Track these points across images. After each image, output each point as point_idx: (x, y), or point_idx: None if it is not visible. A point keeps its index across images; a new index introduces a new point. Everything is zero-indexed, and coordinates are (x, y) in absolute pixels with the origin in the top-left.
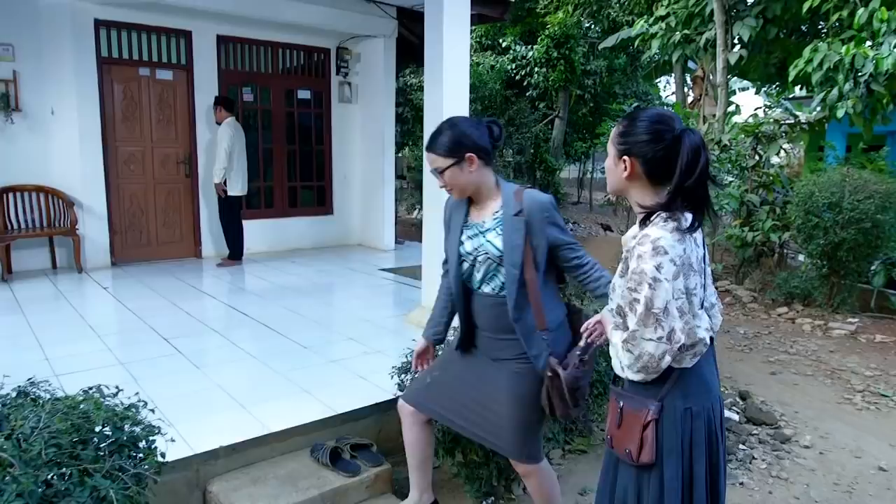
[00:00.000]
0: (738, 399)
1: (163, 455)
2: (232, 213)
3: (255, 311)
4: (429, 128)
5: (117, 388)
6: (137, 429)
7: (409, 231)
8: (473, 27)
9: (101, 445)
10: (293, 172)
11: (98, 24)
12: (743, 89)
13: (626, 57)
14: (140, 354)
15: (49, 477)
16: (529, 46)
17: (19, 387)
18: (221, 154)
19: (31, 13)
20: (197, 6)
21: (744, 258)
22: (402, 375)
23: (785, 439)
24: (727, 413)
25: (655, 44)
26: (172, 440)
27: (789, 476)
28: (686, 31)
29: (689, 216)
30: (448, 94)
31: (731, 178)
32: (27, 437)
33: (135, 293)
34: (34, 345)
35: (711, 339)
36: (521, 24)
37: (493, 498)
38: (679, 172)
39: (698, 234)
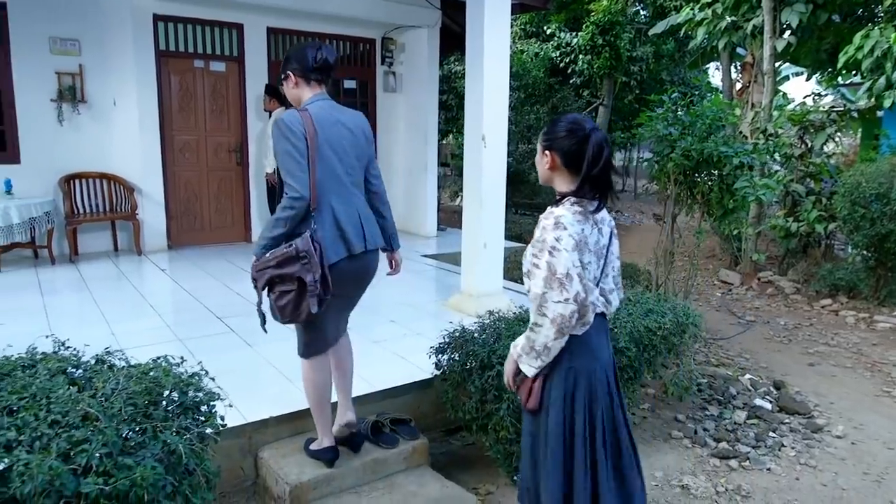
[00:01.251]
0: (771, 388)
1: (222, 418)
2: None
3: None
4: (470, 114)
5: (182, 358)
6: (200, 394)
7: (451, 218)
8: (517, 15)
9: (169, 407)
10: None
11: (156, 18)
12: (797, 74)
13: (674, 43)
14: (196, 332)
15: (127, 431)
16: (574, 33)
17: (97, 355)
18: (272, 144)
19: (95, 10)
20: (249, 0)
21: (787, 249)
22: (440, 355)
23: (817, 429)
24: (758, 401)
25: (701, 31)
26: (231, 405)
27: (818, 464)
28: (733, 18)
29: (594, 204)
30: (489, 83)
31: (777, 168)
32: (108, 396)
33: (190, 275)
34: (101, 320)
35: (604, 314)
36: (565, 10)
37: None
38: (587, 163)
39: (605, 226)
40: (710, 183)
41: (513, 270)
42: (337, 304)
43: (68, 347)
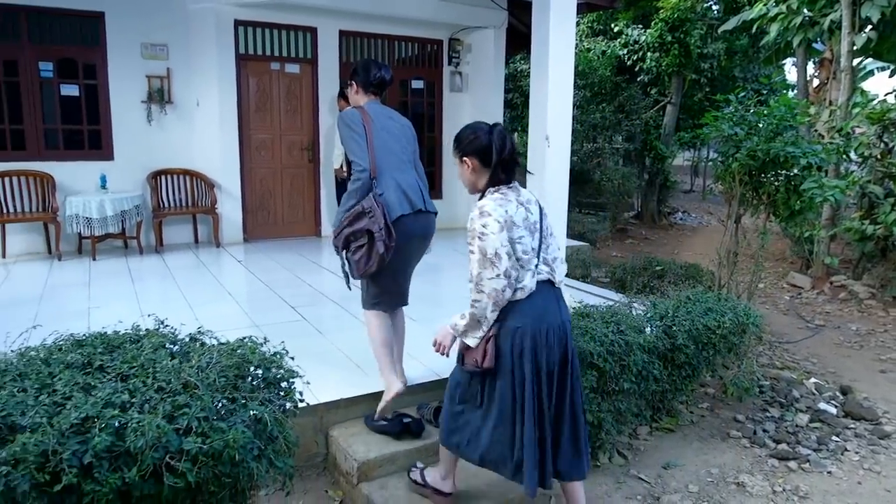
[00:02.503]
0: (837, 393)
1: (300, 394)
2: None
3: None
4: (534, 115)
5: (265, 338)
6: (282, 371)
7: None
8: (583, 14)
9: (255, 381)
10: None
11: (237, 23)
12: (882, 69)
13: (747, 39)
14: (271, 319)
15: (220, 399)
16: (642, 30)
17: (191, 334)
18: (340, 141)
19: (182, 17)
20: (323, 4)
21: (863, 252)
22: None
23: (884, 435)
24: (823, 405)
25: (775, 27)
26: (308, 383)
27: (883, 470)
28: (809, 13)
29: (509, 189)
30: (553, 83)
31: (853, 169)
32: (203, 368)
33: (264, 266)
34: (185, 305)
35: (551, 282)
36: (633, 7)
37: None
38: (495, 151)
39: (532, 205)
40: (776, 184)
41: (574, 269)
42: (405, 253)
43: (166, 326)
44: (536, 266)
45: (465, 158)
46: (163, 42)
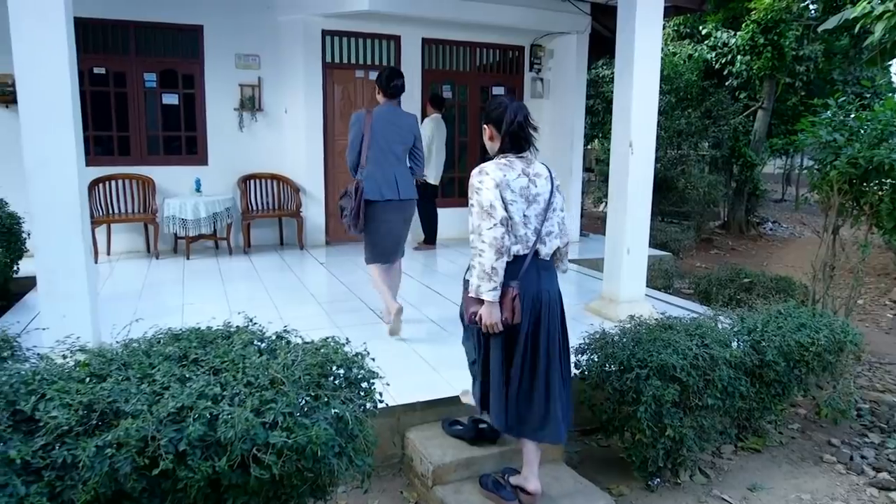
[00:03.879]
0: None
1: (380, 395)
2: (428, 201)
3: (445, 290)
4: (618, 121)
5: (347, 339)
6: (363, 371)
7: (594, 224)
8: (670, 18)
9: (337, 381)
10: None
11: (324, 33)
12: None
13: (848, 39)
14: (351, 320)
15: (304, 396)
16: (732, 33)
17: (277, 332)
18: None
19: (273, 28)
20: (407, 13)
21: None
22: (579, 356)
23: None
24: None
25: (880, 26)
26: (388, 384)
27: None
28: None
29: (517, 159)
30: (638, 88)
31: None
32: (289, 366)
33: (345, 269)
34: (270, 305)
35: (537, 252)
36: (723, 9)
37: (658, 479)
38: (506, 123)
39: (541, 179)
40: (880, 193)
41: (656, 279)
42: (382, 228)
43: (255, 324)
44: (530, 233)
45: (485, 125)
46: (255, 52)
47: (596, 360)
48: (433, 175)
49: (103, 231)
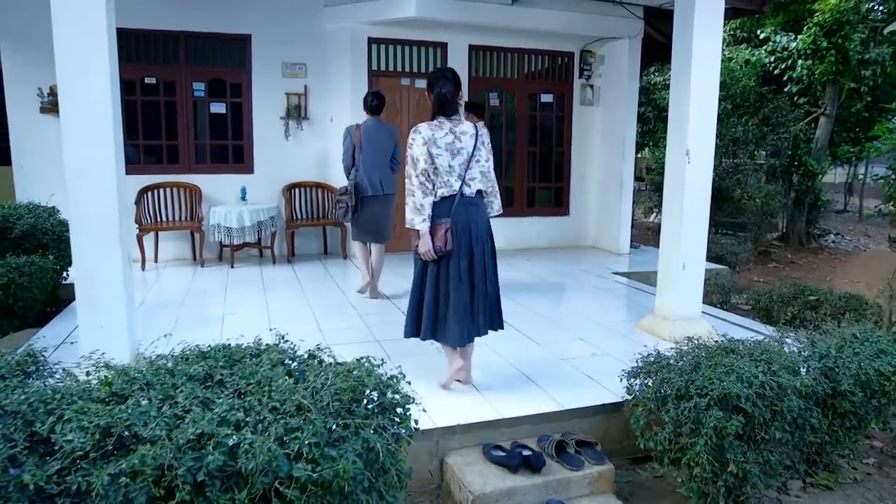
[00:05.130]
0: None
1: (416, 422)
2: None
3: None
4: (674, 128)
5: (382, 360)
6: (397, 396)
7: (644, 235)
8: (727, 21)
9: (370, 405)
10: (532, 173)
11: (370, 41)
12: None
13: None
14: (391, 334)
15: (332, 424)
16: (792, 36)
17: (309, 350)
18: None
19: (320, 37)
20: (455, 20)
21: None
22: (632, 380)
23: None
24: None
25: None
26: (424, 410)
27: None
28: None
29: (447, 120)
30: (696, 94)
31: None
32: (318, 390)
33: (386, 280)
34: (310, 317)
35: (463, 193)
36: (783, 12)
37: None
38: (436, 95)
39: (466, 136)
40: None
41: (711, 294)
42: (365, 215)
43: (287, 341)
44: (454, 180)
45: (427, 91)
46: (301, 61)
47: (651, 384)
48: None
49: (151, 239)
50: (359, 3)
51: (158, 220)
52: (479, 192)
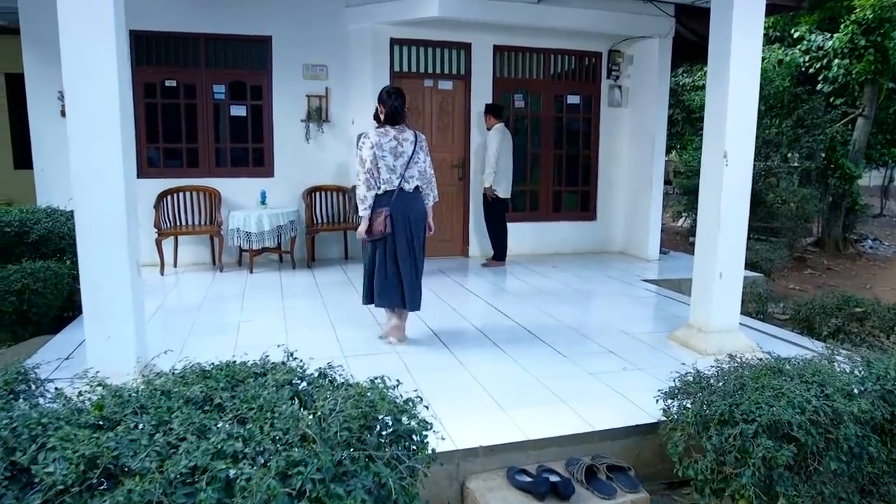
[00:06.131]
0: None
1: (433, 451)
2: (497, 216)
3: (514, 312)
4: (710, 129)
5: (397, 381)
6: (413, 423)
7: (674, 240)
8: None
9: (383, 433)
10: (559, 177)
11: (393, 42)
12: None
13: None
14: (411, 344)
15: (341, 456)
16: (827, 35)
17: (320, 369)
18: (490, 159)
19: (341, 38)
20: (479, 19)
21: None
22: (669, 401)
23: None
24: None
25: None
26: (443, 438)
27: None
28: None
29: (392, 128)
30: (734, 94)
31: None
32: (325, 417)
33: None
34: (328, 325)
35: (402, 189)
36: (819, 10)
37: None
38: (387, 107)
39: (407, 142)
40: None
41: (747, 302)
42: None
43: (296, 358)
44: (395, 177)
45: (380, 104)
46: (323, 63)
47: (689, 407)
48: (503, 188)
49: (170, 243)
50: (381, 3)
51: (178, 224)
52: (416, 188)
